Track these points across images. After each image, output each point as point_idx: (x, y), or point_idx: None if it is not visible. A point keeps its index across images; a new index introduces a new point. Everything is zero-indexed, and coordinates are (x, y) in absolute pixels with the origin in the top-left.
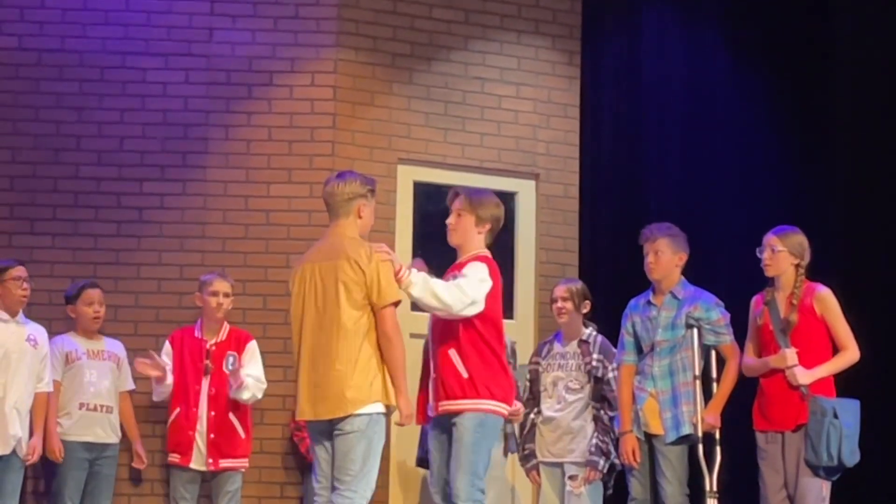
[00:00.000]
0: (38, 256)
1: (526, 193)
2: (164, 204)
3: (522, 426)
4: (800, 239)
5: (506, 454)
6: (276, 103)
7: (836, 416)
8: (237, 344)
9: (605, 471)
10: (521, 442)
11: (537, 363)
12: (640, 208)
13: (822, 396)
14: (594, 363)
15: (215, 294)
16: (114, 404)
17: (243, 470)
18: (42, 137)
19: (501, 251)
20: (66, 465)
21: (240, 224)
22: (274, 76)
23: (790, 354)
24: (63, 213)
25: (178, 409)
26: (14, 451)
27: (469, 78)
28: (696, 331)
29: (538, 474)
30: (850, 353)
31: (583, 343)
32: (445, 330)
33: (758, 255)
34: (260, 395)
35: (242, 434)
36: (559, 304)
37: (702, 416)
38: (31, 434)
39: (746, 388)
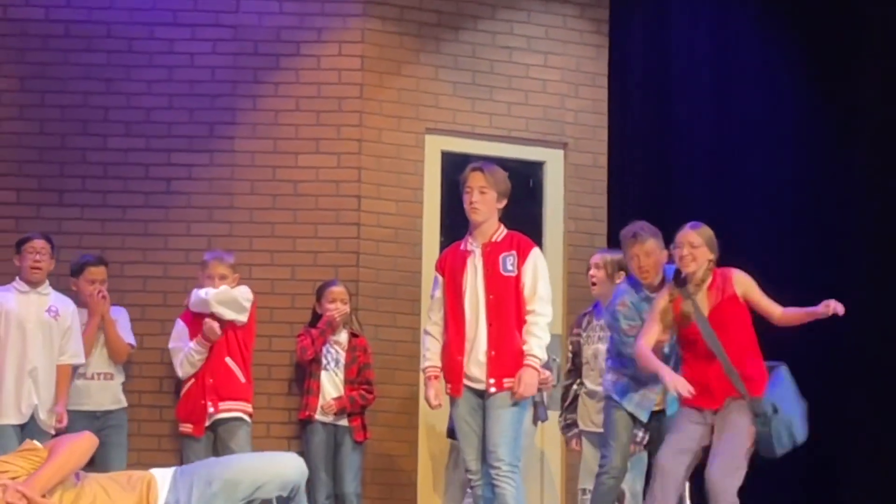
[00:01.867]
0: (66, 228)
1: (554, 163)
2: (191, 175)
3: (564, 397)
4: (711, 233)
5: (535, 423)
6: (304, 73)
7: (775, 412)
8: None
9: (644, 443)
10: (563, 412)
11: (579, 335)
12: (668, 176)
13: (757, 397)
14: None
15: (211, 278)
16: (114, 371)
17: (248, 419)
18: (70, 109)
19: (529, 221)
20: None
21: (267, 194)
22: (301, 46)
23: (679, 386)
24: (91, 184)
25: (192, 381)
26: (34, 420)
27: (497, 47)
28: None
29: (579, 443)
30: (780, 312)
31: None
32: (505, 310)
33: (672, 251)
34: (244, 306)
35: (242, 378)
36: (591, 271)
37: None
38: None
39: None
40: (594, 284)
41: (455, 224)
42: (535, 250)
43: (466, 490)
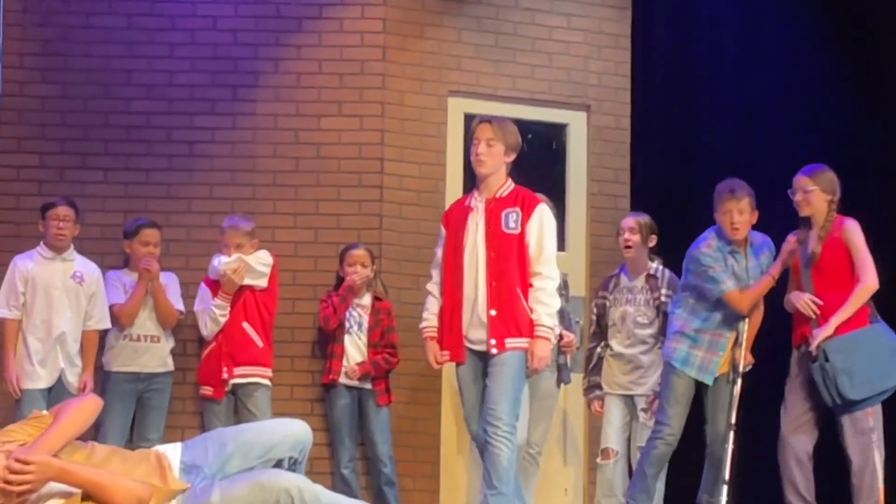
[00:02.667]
0: (89, 191)
1: (577, 125)
2: (214, 138)
3: (588, 359)
4: (831, 175)
5: (559, 385)
6: (326, 36)
7: (826, 360)
8: None
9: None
10: (586, 374)
11: (605, 297)
12: (691, 139)
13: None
14: (663, 298)
15: (227, 246)
16: (161, 335)
17: (267, 383)
18: (92, 72)
19: (552, 182)
20: (109, 397)
21: (290, 157)
22: (323, 9)
23: (801, 301)
24: (114, 147)
25: (213, 343)
26: (61, 383)
27: (520, 9)
28: None
29: (601, 405)
30: (864, 284)
31: (651, 278)
32: (507, 268)
33: (790, 196)
34: (266, 272)
35: (260, 343)
36: (626, 235)
37: (744, 355)
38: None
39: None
40: (629, 247)
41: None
42: (541, 206)
43: None
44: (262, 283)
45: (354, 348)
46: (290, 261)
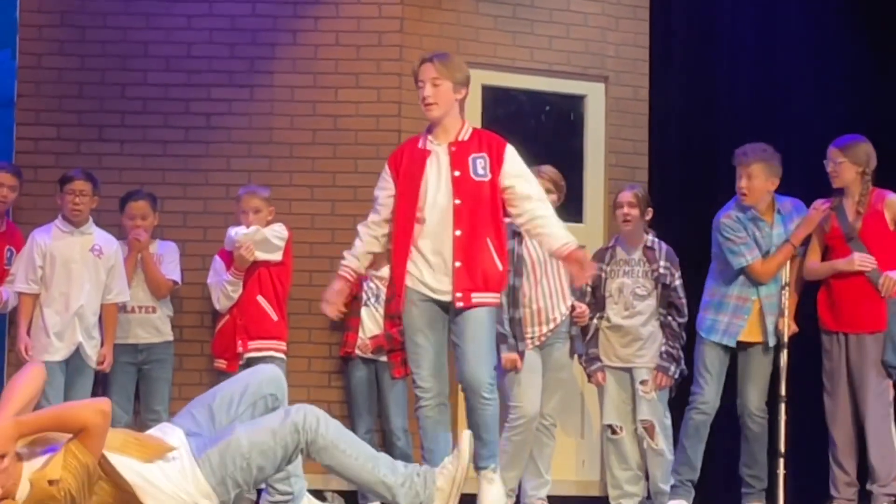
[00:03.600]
0: (106, 163)
1: (595, 96)
2: (231, 110)
3: (585, 330)
4: (864, 147)
5: (572, 356)
6: (344, 7)
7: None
8: None
9: (675, 377)
10: (585, 346)
11: (601, 269)
12: (710, 110)
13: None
14: (661, 270)
15: (245, 213)
16: (156, 304)
17: (282, 356)
18: (110, 44)
19: (570, 154)
20: (111, 369)
21: (307, 129)
22: None
23: (858, 259)
24: (131, 119)
25: (227, 317)
26: (79, 354)
27: None
28: None
29: (603, 377)
30: None
31: (648, 249)
32: (478, 216)
33: (825, 167)
34: (280, 245)
35: (274, 316)
36: (625, 209)
37: (788, 323)
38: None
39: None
40: (628, 221)
41: None
42: (510, 148)
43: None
44: (277, 256)
45: (371, 321)
46: (307, 233)
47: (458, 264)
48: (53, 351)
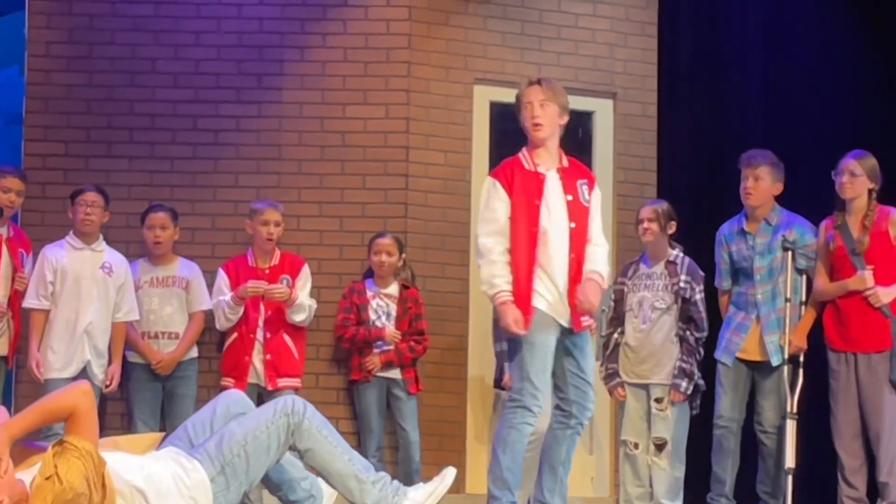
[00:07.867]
0: (114, 179)
1: (603, 113)
2: (239, 126)
3: (605, 346)
4: (875, 163)
5: None
6: (352, 24)
7: None
8: (291, 268)
9: (688, 392)
10: (604, 361)
11: (623, 283)
12: (719, 127)
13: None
14: (682, 284)
15: (266, 224)
16: (180, 330)
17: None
18: (118, 60)
19: None
20: (135, 388)
21: (315, 146)
22: None
23: (868, 276)
24: (139, 135)
25: (234, 335)
26: (88, 375)
27: None
28: (790, 254)
29: (623, 392)
30: None
31: (670, 264)
32: (584, 241)
33: (833, 178)
34: (311, 316)
35: (297, 355)
36: (645, 224)
37: (790, 339)
38: (109, 362)
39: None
40: (648, 235)
41: None
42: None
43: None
44: (301, 319)
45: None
46: (316, 249)
47: (572, 287)
48: (61, 368)
